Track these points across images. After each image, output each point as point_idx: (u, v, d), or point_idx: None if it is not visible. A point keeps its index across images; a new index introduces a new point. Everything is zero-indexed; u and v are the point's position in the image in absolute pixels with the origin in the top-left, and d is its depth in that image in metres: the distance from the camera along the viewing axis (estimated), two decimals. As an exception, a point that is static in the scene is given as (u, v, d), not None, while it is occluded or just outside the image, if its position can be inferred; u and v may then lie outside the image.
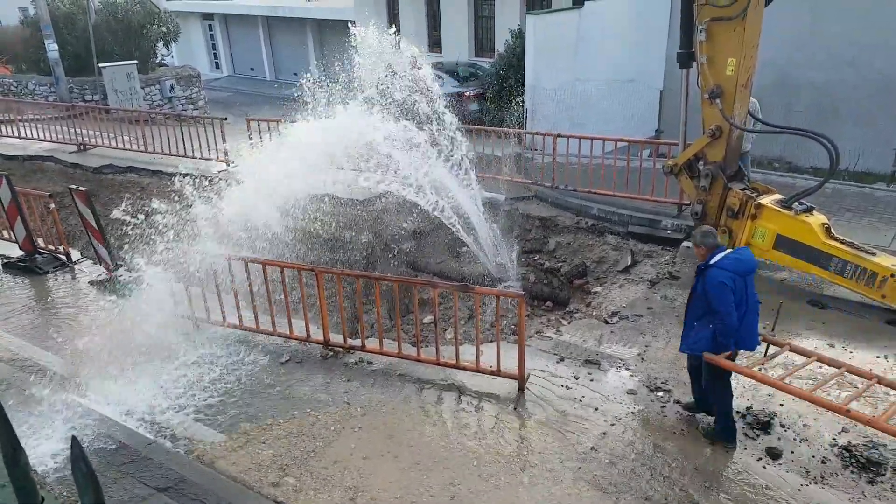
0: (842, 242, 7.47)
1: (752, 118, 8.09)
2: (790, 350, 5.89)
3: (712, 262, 5.23)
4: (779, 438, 5.59)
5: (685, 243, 9.31)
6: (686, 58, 8.14)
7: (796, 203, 7.79)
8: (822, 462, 5.31)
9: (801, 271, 7.97)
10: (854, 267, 7.32)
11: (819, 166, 12.50)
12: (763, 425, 5.71)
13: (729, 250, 5.36)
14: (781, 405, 5.95)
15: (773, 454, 5.40)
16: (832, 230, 7.63)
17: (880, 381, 5.37)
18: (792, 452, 5.43)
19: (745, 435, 5.63)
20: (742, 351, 5.66)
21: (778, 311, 6.55)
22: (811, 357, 5.73)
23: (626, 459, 5.43)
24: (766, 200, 7.95)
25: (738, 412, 5.81)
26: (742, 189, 8.12)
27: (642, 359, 6.85)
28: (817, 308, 7.60)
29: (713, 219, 8.37)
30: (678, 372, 6.42)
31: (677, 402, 6.11)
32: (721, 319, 5.13)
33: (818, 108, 14.29)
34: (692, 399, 5.93)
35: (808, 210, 7.71)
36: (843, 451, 5.39)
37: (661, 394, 6.26)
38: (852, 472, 5.21)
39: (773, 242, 7.88)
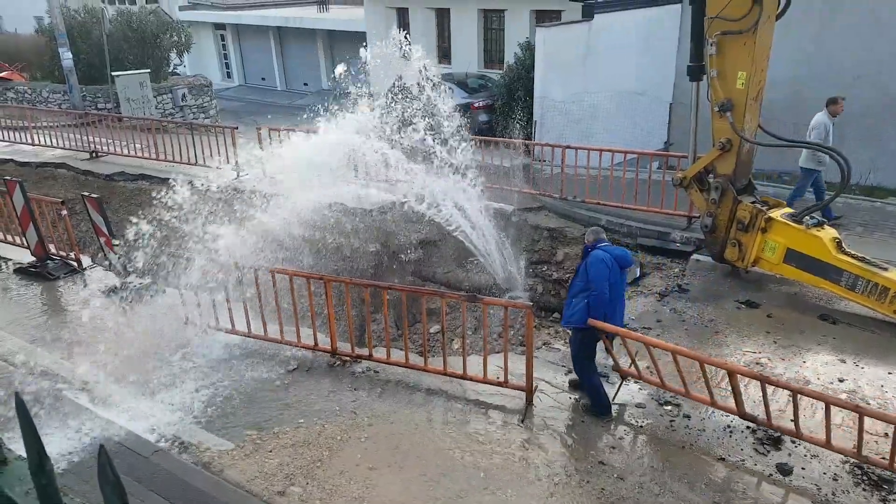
0: (853, 257, 7.42)
1: (764, 132, 8.08)
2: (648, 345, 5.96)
3: (598, 245, 6.04)
4: (790, 454, 5.53)
5: (695, 256, 9.27)
6: (696, 71, 8.16)
7: (807, 217, 7.75)
8: (834, 479, 5.25)
9: (811, 286, 7.92)
10: (865, 282, 7.27)
11: (830, 180, 12.46)
12: (774, 441, 5.66)
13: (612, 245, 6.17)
14: (792, 421, 5.89)
15: (784, 470, 5.35)
16: (843, 244, 7.59)
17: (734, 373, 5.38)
18: (803, 469, 5.37)
19: (756, 451, 5.58)
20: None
21: None
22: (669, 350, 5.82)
23: (634, 474, 5.38)
24: (776, 214, 7.93)
25: (748, 428, 5.76)
26: (752, 202, 8.10)
27: (651, 372, 6.80)
28: (828, 323, 7.54)
29: (723, 232, 8.34)
30: (688, 385, 6.36)
31: (686, 416, 6.07)
32: (596, 290, 5.81)
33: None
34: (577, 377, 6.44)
35: (819, 224, 7.68)
36: (855, 469, 5.33)
37: (669, 408, 6.22)
38: (864, 489, 5.14)
39: (783, 256, 7.85)
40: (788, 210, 8.08)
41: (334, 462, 5.66)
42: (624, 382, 6.47)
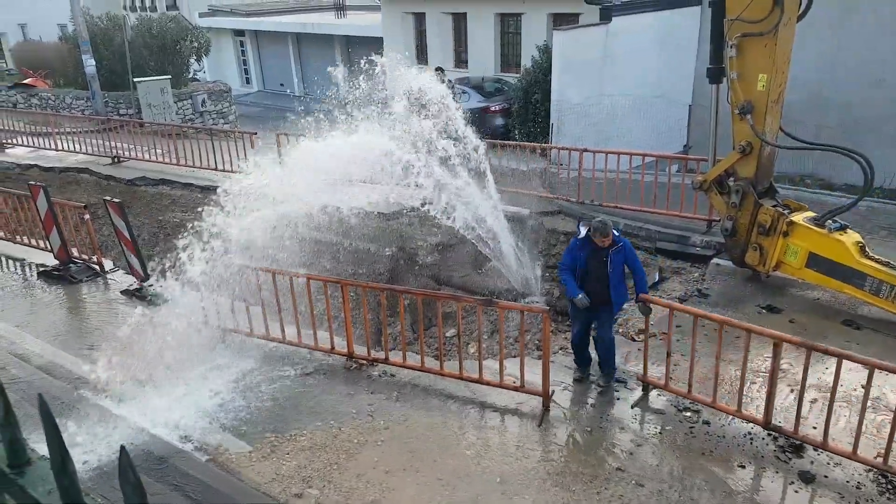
0: (877, 261, 7.30)
1: (785, 134, 7.99)
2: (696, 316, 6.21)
3: (622, 240, 6.41)
4: (812, 462, 5.44)
5: (715, 260, 9.18)
6: (716, 73, 8.09)
7: (830, 221, 7.64)
8: (857, 487, 5.16)
9: (834, 290, 7.80)
10: (889, 287, 7.14)
11: (853, 183, 12.28)
12: (795, 448, 5.57)
13: None
14: (814, 428, 5.80)
15: (806, 478, 5.26)
16: (867, 249, 7.47)
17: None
18: (825, 477, 5.28)
19: (777, 458, 5.50)
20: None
21: None
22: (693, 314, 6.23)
23: (653, 481, 5.33)
24: (798, 218, 7.82)
25: (770, 434, 5.68)
26: (773, 206, 8.00)
27: (670, 377, 6.73)
28: (852, 328, 7.42)
29: (744, 236, 8.25)
30: (708, 392, 6.30)
31: (706, 422, 6.00)
32: (642, 270, 6.59)
33: (849, 125, 14.06)
34: (581, 374, 6.74)
35: (842, 228, 7.56)
36: (879, 477, 5.23)
37: (689, 414, 6.15)
38: (889, 498, 5.04)
39: (805, 261, 7.74)
40: (810, 214, 7.98)
41: (351, 465, 5.67)
42: (643, 390, 6.42)
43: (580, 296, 6.31)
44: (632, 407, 6.29)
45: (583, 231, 6.41)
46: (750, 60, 7.52)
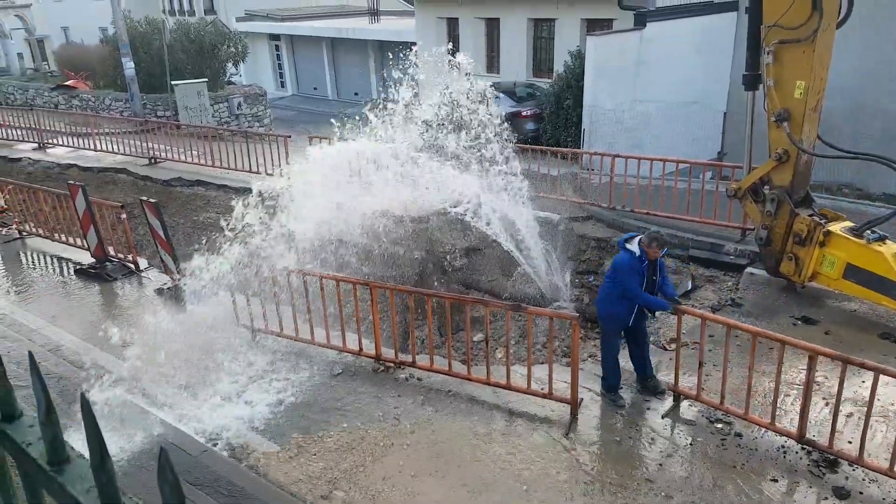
0: (918, 274, 7.10)
1: (822, 142, 7.82)
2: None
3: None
4: (846, 478, 5.30)
5: (749, 269, 9.02)
6: (752, 80, 7.96)
7: (868, 231, 7.46)
8: (895, 505, 5.02)
9: (872, 302, 7.61)
10: (931, 300, 6.94)
11: (892, 193, 11.98)
12: (830, 463, 5.44)
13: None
14: (850, 443, 5.66)
15: (841, 494, 5.13)
16: (907, 260, 7.27)
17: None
18: (861, 493, 5.14)
19: (811, 473, 5.38)
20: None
21: None
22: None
23: (682, 493, 5.24)
24: (835, 227, 7.65)
25: (803, 448, 5.56)
26: (810, 215, 7.84)
27: (702, 388, 6.63)
28: (890, 342, 7.22)
29: (779, 245, 8.10)
30: (740, 403, 6.19)
31: (738, 434, 5.89)
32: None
33: (892, 134, 13.71)
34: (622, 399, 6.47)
35: (881, 239, 7.37)
36: (918, 496, 5.08)
37: (720, 425, 6.04)
38: (928, 518, 4.90)
39: (842, 272, 7.56)
40: (848, 223, 7.79)
41: (377, 468, 5.69)
42: (674, 401, 6.32)
43: (671, 302, 6.28)
44: (662, 417, 6.21)
45: (636, 249, 6.14)
46: (787, 67, 7.39)
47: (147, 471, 5.65)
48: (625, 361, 6.64)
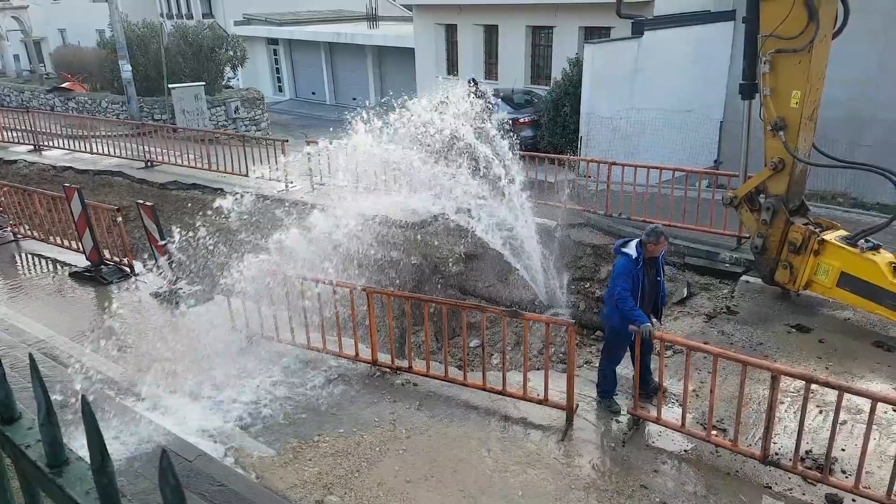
0: (911, 283, 7.13)
1: (818, 151, 7.87)
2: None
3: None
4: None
5: (744, 277, 9.05)
6: (749, 89, 8.00)
7: (862, 240, 7.49)
8: (888, 514, 5.02)
9: (865, 311, 7.64)
10: (925, 309, 6.97)
11: (886, 202, 12.04)
12: (822, 471, 5.44)
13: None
14: (843, 450, 5.67)
15: (833, 501, 5.14)
16: (901, 269, 7.30)
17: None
18: (854, 501, 5.15)
19: (805, 480, 5.38)
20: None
21: None
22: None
23: (677, 499, 5.25)
24: (830, 236, 7.69)
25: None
26: (805, 224, 7.88)
27: (697, 395, 6.64)
28: (883, 350, 7.25)
29: (774, 253, 8.13)
30: (734, 410, 6.20)
31: (732, 441, 5.88)
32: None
33: (886, 144, 13.80)
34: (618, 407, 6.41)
35: (875, 248, 7.41)
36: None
37: (715, 433, 6.04)
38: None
39: (836, 280, 7.59)
40: (843, 232, 7.83)
41: (372, 473, 5.68)
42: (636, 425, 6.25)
43: (649, 325, 5.97)
44: (656, 424, 6.21)
45: (633, 251, 6.07)
46: (784, 77, 7.43)
47: (145, 478, 5.62)
48: (622, 367, 6.65)
